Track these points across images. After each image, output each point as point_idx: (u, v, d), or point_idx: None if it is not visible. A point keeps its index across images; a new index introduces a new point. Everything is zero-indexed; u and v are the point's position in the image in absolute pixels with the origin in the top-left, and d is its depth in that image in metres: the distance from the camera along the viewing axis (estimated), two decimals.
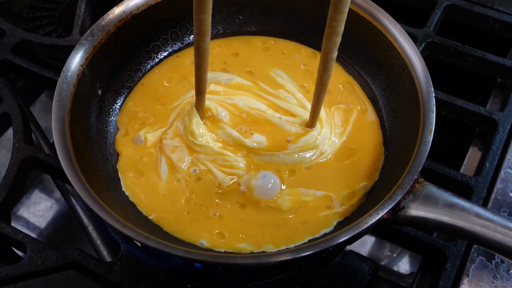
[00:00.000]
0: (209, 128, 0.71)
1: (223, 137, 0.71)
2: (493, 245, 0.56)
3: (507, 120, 0.80)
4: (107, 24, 0.73)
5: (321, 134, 0.71)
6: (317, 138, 0.70)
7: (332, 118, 0.74)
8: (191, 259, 0.56)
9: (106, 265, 0.65)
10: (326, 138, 0.71)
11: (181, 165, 0.69)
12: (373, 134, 0.74)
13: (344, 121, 0.75)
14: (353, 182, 0.69)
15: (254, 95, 0.76)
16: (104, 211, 0.58)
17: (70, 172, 0.60)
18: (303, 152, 0.70)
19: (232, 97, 0.75)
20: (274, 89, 0.77)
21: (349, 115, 0.76)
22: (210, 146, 0.70)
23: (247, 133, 0.71)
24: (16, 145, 0.73)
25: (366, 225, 0.57)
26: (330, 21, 0.57)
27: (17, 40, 0.87)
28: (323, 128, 0.72)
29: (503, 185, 0.74)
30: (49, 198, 0.98)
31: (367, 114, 0.76)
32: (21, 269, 0.65)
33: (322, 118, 0.72)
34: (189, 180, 0.68)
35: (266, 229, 0.65)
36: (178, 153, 0.70)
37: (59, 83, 0.67)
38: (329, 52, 0.60)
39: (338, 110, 0.76)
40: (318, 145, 0.70)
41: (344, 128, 0.74)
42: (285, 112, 0.74)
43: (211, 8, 0.58)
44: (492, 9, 0.94)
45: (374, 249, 0.95)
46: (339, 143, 0.72)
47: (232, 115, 0.73)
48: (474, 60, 0.89)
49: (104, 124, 0.73)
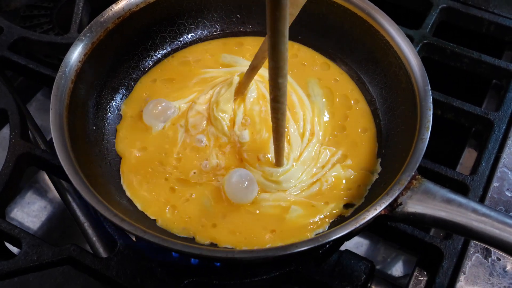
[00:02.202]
0: (235, 107, 0.71)
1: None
2: (490, 240, 0.56)
3: (503, 120, 0.81)
4: (106, 21, 0.73)
5: (286, 174, 0.68)
6: (279, 176, 0.67)
7: (315, 158, 0.71)
8: (189, 253, 0.56)
9: (103, 261, 0.65)
10: (293, 178, 0.68)
11: (193, 131, 0.70)
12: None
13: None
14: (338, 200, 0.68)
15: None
16: (102, 205, 0.57)
17: (67, 166, 0.60)
18: (265, 180, 0.68)
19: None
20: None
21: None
22: (222, 124, 0.70)
23: (244, 125, 0.71)
24: (13, 141, 0.73)
25: (363, 220, 0.57)
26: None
27: (14, 37, 0.87)
28: (291, 169, 0.68)
29: (499, 184, 0.74)
30: (43, 198, 0.98)
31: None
32: (17, 265, 0.64)
33: (301, 158, 0.70)
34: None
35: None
36: (197, 118, 0.71)
37: (57, 79, 0.67)
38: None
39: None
40: (280, 182, 0.68)
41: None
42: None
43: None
44: (487, 12, 0.95)
45: (369, 252, 0.95)
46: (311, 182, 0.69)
47: (255, 103, 0.72)
48: (470, 61, 0.89)
49: (101, 121, 0.73)
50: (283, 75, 0.53)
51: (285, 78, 0.53)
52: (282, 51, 0.50)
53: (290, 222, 0.65)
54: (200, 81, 0.78)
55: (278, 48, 0.49)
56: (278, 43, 0.49)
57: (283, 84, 0.54)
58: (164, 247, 0.55)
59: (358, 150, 0.72)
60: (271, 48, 0.50)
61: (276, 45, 0.49)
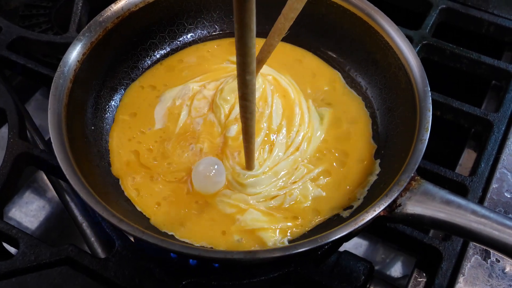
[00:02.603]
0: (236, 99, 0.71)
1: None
2: (489, 242, 0.56)
3: (502, 121, 0.81)
4: (105, 20, 0.73)
5: (253, 179, 0.67)
6: (245, 179, 0.66)
7: (290, 172, 0.69)
8: (187, 254, 0.55)
9: (101, 261, 0.65)
10: (259, 185, 0.67)
11: (194, 113, 0.71)
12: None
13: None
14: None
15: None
16: (100, 205, 0.57)
17: (65, 166, 0.59)
18: (232, 179, 0.67)
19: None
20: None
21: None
22: (220, 112, 0.70)
23: (236, 120, 0.70)
24: (11, 140, 0.73)
25: (362, 221, 0.57)
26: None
27: (13, 36, 0.87)
28: (260, 176, 0.67)
29: (498, 185, 0.74)
30: (41, 198, 0.97)
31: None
32: (15, 265, 0.64)
33: (275, 168, 0.68)
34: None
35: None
36: (201, 102, 0.72)
37: (56, 78, 0.66)
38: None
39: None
40: (245, 185, 0.66)
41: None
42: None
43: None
44: (487, 13, 0.95)
45: (368, 252, 0.95)
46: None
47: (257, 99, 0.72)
48: (469, 62, 0.89)
49: (100, 121, 0.73)
50: (250, 72, 0.52)
51: (252, 75, 0.52)
52: (248, 46, 0.48)
53: (243, 224, 0.65)
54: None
55: (244, 42, 0.48)
56: (244, 37, 0.47)
57: (251, 81, 0.53)
58: (162, 247, 0.55)
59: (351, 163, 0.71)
60: (237, 42, 0.48)
61: (242, 39, 0.48)
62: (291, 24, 0.81)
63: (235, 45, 0.49)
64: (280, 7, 0.81)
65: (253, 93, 0.54)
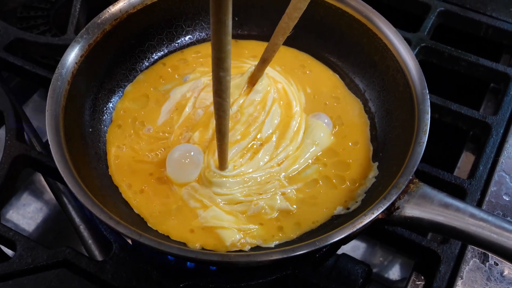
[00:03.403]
0: (239, 96, 0.71)
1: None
2: (487, 245, 0.56)
3: (500, 123, 0.81)
4: (103, 22, 0.72)
5: (220, 179, 0.66)
6: (213, 177, 0.66)
7: (261, 183, 0.68)
8: (184, 256, 0.55)
9: (98, 264, 0.64)
10: (226, 188, 0.66)
11: (198, 103, 0.72)
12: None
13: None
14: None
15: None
16: (97, 208, 0.57)
17: (63, 168, 0.59)
18: (203, 173, 0.67)
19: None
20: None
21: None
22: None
23: (230, 118, 0.70)
24: (8, 142, 0.73)
25: (361, 224, 0.57)
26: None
27: (11, 38, 0.86)
28: (228, 179, 0.67)
29: (496, 188, 0.74)
30: (38, 200, 0.97)
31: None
32: (11, 267, 0.64)
33: (247, 175, 0.68)
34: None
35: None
36: (208, 94, 0.72)
37: (54, 80, 0.66)
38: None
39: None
40: (211, 183, 0.66)
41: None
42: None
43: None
44: (485, 15, 0.96)
45: (366, 255, 0.94)
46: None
47: (252, 105, 0.71)
48: (468, 65, 0.89)
49: (98, 123, 0.73)
50: (224, 69, 0.51)
51: (227, 72, 0.52)
52: (223, 42, 0.48)
53: (203, 220, 0.65)
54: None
55: (218, 38, 0.48)
56: (219, 33, 0.47)
57: (225, 78, 0.53)
58: (159, 250, 0.55)
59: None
60: (212, 37, 0.48)
61: (217, 34, 0.47)
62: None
63: (211, 40, 0.49)
64: (279, 10, 0.81)
65: (227, 90, 0.54)
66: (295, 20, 0.63)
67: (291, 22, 0.63)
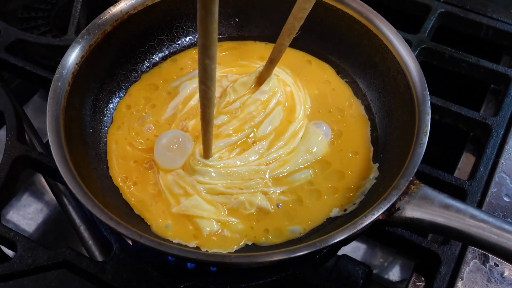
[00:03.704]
0: (244, 94, 0.72)
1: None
2: (488, 246, 0.56)
3: (501, 125, 0.81)
4: (104, 23, 0.72)
5: (203, 168, 0.67)
6: (196, 165, 0.67)
7: (245, 178, 0.68)
8: (185, 257, 0.55)
9: (99, 265, 0.64)
10: (208, 177, 0.67)
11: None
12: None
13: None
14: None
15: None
16: (97, 208, 0.57)
17: (64, 169, 0.59)
18: (188, 160, 0.67)
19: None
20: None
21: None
22: (225, 99, 0.72)
23: (229, 112, 0.71)
24: (9, 143, 0.73)
25: (361, 225, 0.57)
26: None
27: (12, 39, 0.87)
28: (211, 169, 0.67)
29: (497, 189, 0.74)
30: (39, 200, 0.97)
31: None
32: (12, 268, 0.64)
33: (232, 169, 0.68)
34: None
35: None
36: (217, 88, 0.72)
37: (54, 81, 0.66)
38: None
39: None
40: (195, 171, 0.66)
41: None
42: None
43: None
44: (485, 17, 0.96)
45: (366, 256, 0.94)
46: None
47: (253, 105, 0.72)
48: (468, 66, 0.90)
49: (98, 123, 0.73)
50: (210, 57, 0.52)
51: (212, 60, 0.52)
52: (209, 30, 0.49)
53: (183, 208, 0.65)
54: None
55: (205, 25, 0.48)
56: (205, 20, 0.48)
57: (210, 66, 0.53)
58: (160, 251, 0.54)
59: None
60: (199, 25, 0.49)
61: (203, 21, 0.48)
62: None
63: (198, 27, 0.50)
64: (279, 11, 0.82)
65: (212, 79, 0.55)
66: (301, 21, 0.63)
67: (296, 23, 0.63)
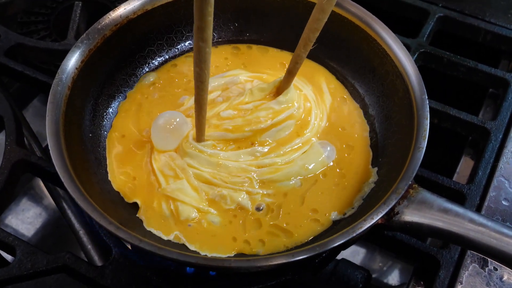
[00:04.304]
0: (260, 98, 0.73)
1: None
2: (487, 251, 0.56)
3: (499, 129, 0.81)
4: (103, 28, 0.73)
5: (194, 152, 0.68)
6: (188, 148, 0.68)
7: (233, 172, 0.69)
8: (184, 262, 0.55)
9: (98, 269, 0.64)
10: (197, 162, 0.68)
11: (224, 94, 0.75)
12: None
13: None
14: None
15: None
16: (97, 213, 0.57)
17: (63, 173, 0.59)
18: (181, 143, 0.69)
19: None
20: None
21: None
22: (241, 99, 0.73)
23: (241, 110, 0.72)
24: (8, 147, 0.73)
25: (360, 229, 0.57)
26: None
27: (11, 43, 0.86)
28: (202, 155, 0.68)
29: (495, 193, 0.74)
30: (38, 205, 0.97)
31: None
32: (11, 272, 0.64)
33: (225, 162, 0.68)
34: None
35: None
36: (239, 91, 0.74)
37: (54, 85, 0.66)
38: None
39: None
40: (186, 153, 0.68)
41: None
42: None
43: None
44: (483, 21, 0.96)
45: (365, 260, 0.94)
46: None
47: (263, 111, 0.72)
48: (466, 70, 0.90)
49: (98, 128, 0.73)
50: (204, 39, 0.53)
51: (206, 43, 0.54)
52: (204, 13, 0.51)
53: (169, 189, 0.66)
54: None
55: (200, 7, 0.50)
56: (201, 3, 0.50)
57: (204, 49, 0.54)
58: (159, 255, 0.54)
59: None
60: (195, 6, 0.51)
61: (198, 3, 0.50)
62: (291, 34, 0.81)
63: (194, 9, 0.51)
64: (280, 16, 0.82)
65: (205, 62, 0.56)
66: (316, 32, 0.63)
67: (311, 34, 0.64)
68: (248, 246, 0.64)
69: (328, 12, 0.61)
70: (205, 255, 0.61)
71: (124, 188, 0.68)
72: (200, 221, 0.65)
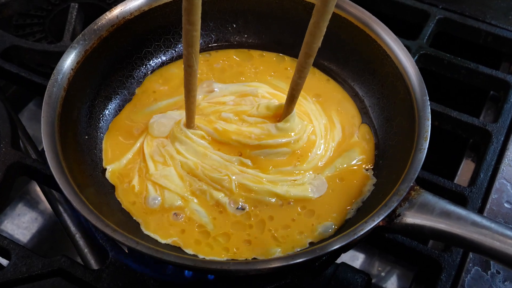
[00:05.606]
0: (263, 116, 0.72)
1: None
2: (490, 253, 0.55)
3: (501, 131, 0.80)
4: (100, 28, 0.72)
5: (185, 139, 0.68)
6: (179, 133, 0.69)
7: (217, 166, 0.68)
8: (182, 264, 0.54)
9: (94, 273, 0.63)
10: (186, 148, 0.68)
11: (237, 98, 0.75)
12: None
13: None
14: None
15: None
16: (93, 215, 0.56)
17: (59, 176, 0.58)
18: (173, 127, 0.70)
19: None
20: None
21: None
22: (248, 110, 0.72)
23: (243, 121, 0.71)
24: (3, 150, 0.72)
25: (361, 232, 0.56)
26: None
27: (6, 45, 0.86)
28: (192, 142, 0.68)
29: (497, 196, 0.74)
30: (33, 210, 0.96)
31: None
32: (6, 276, 0.63)
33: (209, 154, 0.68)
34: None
35: None
36: (251, 103, 0.74)
37: (49, 86, 0.65)
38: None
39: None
40: (176, 138, 0.69)
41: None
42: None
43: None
44: (484, 23, 0.95)
45: (365, 264, 0.94)
46: None
47: (262, 130, 0.71)
48: (467, 72, 0.89)
49: (94, 130, 0.72)
50: (191, 22, 0.55)
51: (193, 27, 0.56)
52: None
53: (156, 176, 0.67)
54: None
55: None
56: None
57: (191, 33, 0.56)
58: (157, 258, 0.54)
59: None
60: None
61: None
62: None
63: None
64: (274, 16, 0.81)
65: (193, 46, 0.57)
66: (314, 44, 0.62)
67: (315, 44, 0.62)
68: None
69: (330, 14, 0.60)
70: (203, 258, 0.60)
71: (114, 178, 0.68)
72: (184, 209, 0.65)
